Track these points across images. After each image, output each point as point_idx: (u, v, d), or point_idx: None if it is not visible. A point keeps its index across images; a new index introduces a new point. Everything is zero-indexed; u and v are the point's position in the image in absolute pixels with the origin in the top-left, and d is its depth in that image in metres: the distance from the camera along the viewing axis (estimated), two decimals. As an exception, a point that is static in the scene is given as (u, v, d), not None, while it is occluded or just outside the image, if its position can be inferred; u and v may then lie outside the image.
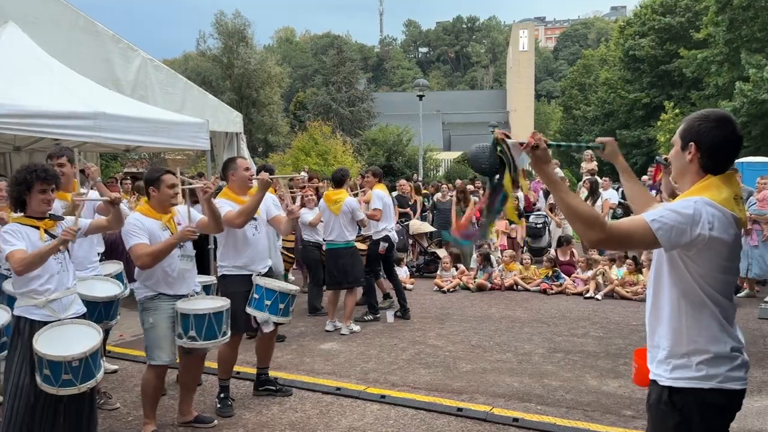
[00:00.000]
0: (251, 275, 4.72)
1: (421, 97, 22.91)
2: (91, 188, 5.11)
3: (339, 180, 7.28)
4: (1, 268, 4.55)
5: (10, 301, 3.93)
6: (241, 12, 35.21)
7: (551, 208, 11.54)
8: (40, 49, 7.40)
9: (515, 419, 4.45)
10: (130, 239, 3.98)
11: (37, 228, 3.51)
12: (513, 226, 10.93)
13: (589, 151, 13.06)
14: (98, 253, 5.16)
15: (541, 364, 5.83)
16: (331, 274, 7.14)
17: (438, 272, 10.04)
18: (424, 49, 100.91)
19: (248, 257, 4.71)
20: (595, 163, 12.33)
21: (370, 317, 7.60)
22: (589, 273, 9.27)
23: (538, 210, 12.02)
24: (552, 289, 9.27)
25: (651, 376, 2.27)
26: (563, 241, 10.23)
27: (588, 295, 8.94)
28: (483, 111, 61.45)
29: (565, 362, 5.87)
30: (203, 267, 8.01)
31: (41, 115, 6.15)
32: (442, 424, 4.43)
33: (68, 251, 3.67)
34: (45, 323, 3.49)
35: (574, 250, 10.26)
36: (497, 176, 2.27)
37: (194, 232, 4.05)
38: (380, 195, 7.52)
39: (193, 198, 4.51)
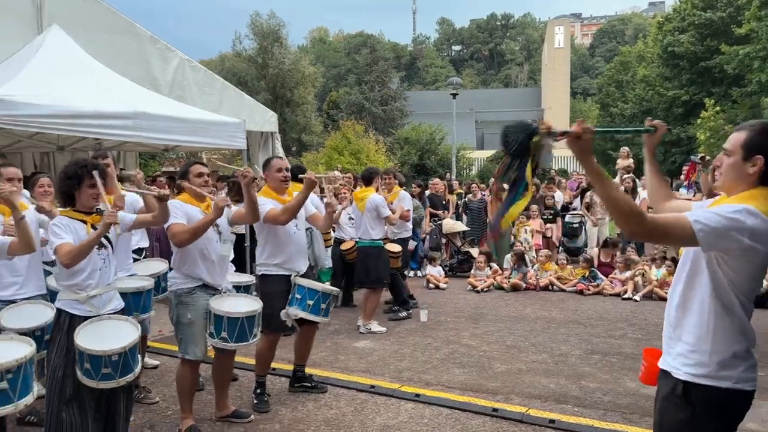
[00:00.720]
0: (290, 276, 4.76)
1: (454, 95, 22.81)
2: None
3: (368, 178, 7.29)
4: (43, 262, 4.67)
5: (53, 295, 4.04)
6: (276, 13, 35.56)
7: (587, 207, 11.36)
8: (83, 50, 7.59)
9: (552, 421, 4.39)
10: (171, 220, 4.04)
11: (85, 222, 3.59)
12: (549, 225, 10.80)
13: (626, 148, 12.82)
14: (143, 249, 5.31)
15: (578, 365, 5.75)
16: (356, 272, 7.22)
17: (472, 271, 9.98)
18: (457, 47, 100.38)
19: (288, 254, 4.75)
20: (632, 160, 12.09)
21: (404, 313, 7.61)
22: (628, 274, 9.10)
23: (575, 209, 11.85)
24: (589, 289, 9.13)
25: (664, 367, 2.29)
26: (609, 244, 10.07)
27: (626, 296, 8.78)
28: (517, 109, 60.81)
29: (602, 364, 5.78)
30: (241, 265, 8.13)
31: (84, 115, 6.31)
32: (477, 424, 4.40)
33: (112, 246, 3.74)
34: (85, 318, 3.56)
35: (617, 254, 10.09)
36: (520, 161, 2.24)
37: (227, 200, 4.08)
38: (408, 195, 7.58)
39: (234, 198, 4.57)
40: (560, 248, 11.15)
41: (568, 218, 11.43)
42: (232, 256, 4.90)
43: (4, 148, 7.68)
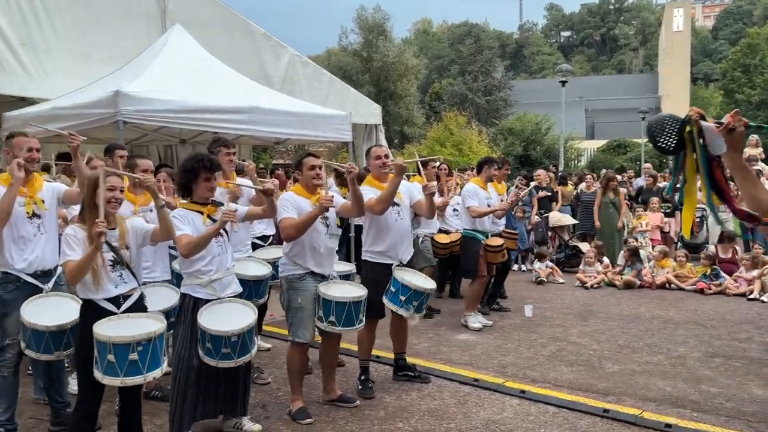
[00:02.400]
0: (391, 264, 4.81)
1: (563, 83, 22.00)
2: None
3: (479, 167, 7.08)
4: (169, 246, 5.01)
5: (179, 278, 4.34)
6: (381, 6, 35.88)
7: (709, 201, 10.60)
8: (202, 48, 8.04)
9: (668, 425, 4.16)
10: (280, 213, 4.21)
11: (201, 213, 3.82)
12: (667, 219, 10.19)
13: (755, 136, 11.85)
14: (268, 237, 5.64)
15: (698, 368, 5.40)
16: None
17: (581, 267, 9.61)
18: (566, 33, 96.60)
19: (390, 243, 4.79)
20: (761, 149, 11.16)
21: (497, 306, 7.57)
22: (755, 272, 8.41)
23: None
24: (710, 288, 8.53)
25: None
26: (725, 238, 9.37)
27: (752, 296, 8.12)
28: (631, 96, 57.80)
29: (724, 368, 5.39)
30: (344, 255, 8.32)
31: (204, 110, 6.70)
32: (586, 424, 4.24)
33: (227, 235, 3.96)
34: (207, 301, 3.81)
35: (737, 248, 9.37)
36: (678, 156, 2.08)
37: (331, 200, 4.16)
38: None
39: (338, 180, 4.62)
40: (678, 244, 10.50)
41: (687, 212, 10.73)
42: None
43: (132, 141, 8.29)
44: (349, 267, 5.50)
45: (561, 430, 4.16)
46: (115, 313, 3.32)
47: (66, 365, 4.43)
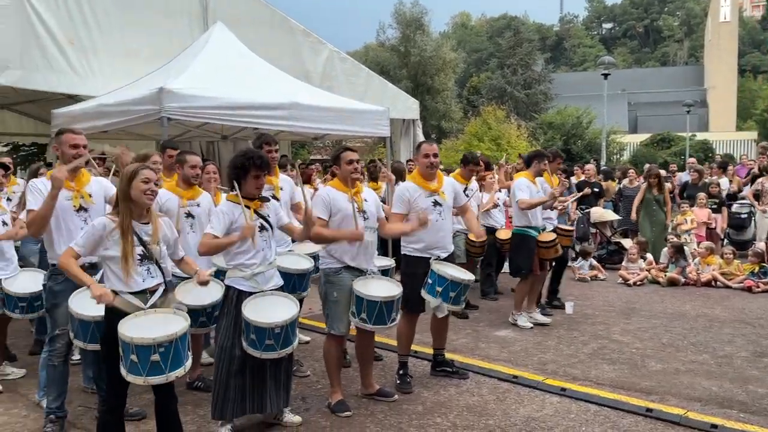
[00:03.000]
0: (430, 258, 4.80)
1: (606, 75, 21.55)
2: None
3: (527, 160, 6.83)
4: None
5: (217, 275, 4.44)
6: (419, 0, 35.70)
7: (756, 196, 10.27)
8: (243, 45, 8.15)
9: (714, 426, 4.06)
10: (314, 211, 4.20)
11: (248, 207, 3.88)
12: (713, 215, 9.90)
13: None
14: None
15: (745, 368, 5.24)
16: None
17: (623, 264, 9.42)
18: (608, 25, 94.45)
19: (428, 242, 4.79)
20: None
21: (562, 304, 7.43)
22: (807, 270, 8.12)
23: (743, 198, 10.76)
24: (758, 286, 8.26)
25: None
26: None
27: (804, 295, 7.84)
28: (676, 89, 56.28)
29: (775, 369, 5.22)
30: (383, 249, 8.34)
31: (245, 106, 6.79)
32: (628, 423, 4.17)
33: (272, 230, 4.02)
34: (250, 293, 3.87)
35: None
36: None
37: (362, 236, 4.23)
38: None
39: (369, 175, 4.58)
40: (725, 241, 10.20)
41: (735, 208, 10.41)
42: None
43: (176, 137, 8.45)
44: (388, 262, 5.51)
45: (603, 428, 4.10)
46: (141, 308, 3.34)
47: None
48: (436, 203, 4.79)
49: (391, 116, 9.00)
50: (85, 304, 3.78)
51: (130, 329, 3.20)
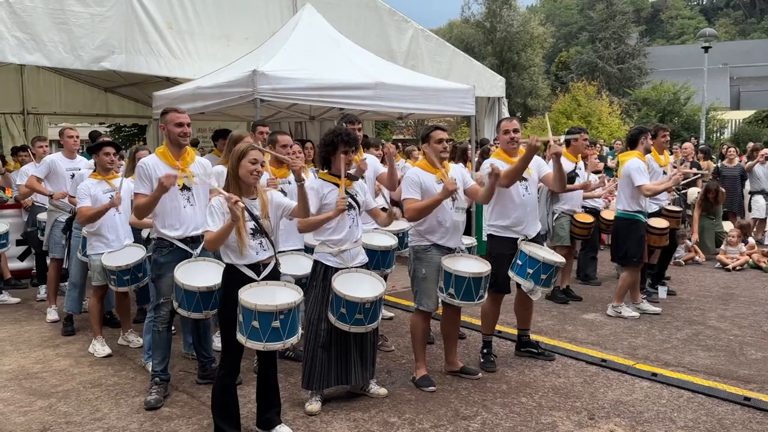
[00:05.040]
0: (517, 239, 4.76)
1: (706, 48, 20.26)
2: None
3: (633, 139, 6.36)
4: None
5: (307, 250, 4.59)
6: (506, -27, 34.70)
7: None
8: (331, 26, 8.27)
9: (821, 420, 3.83)
10: (403, 193, 4.32)
11: (337, 185, 3.99)
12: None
13: None
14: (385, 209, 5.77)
15: None
16: (611, 246, 6.53)
17: (721, 247, 8.93)
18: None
19: (516, 218, 4.75)
20: None
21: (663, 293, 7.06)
22: None
23: None
24: None
25: None
26: None
27: None
28: (785, 62, 52.03)
29: None
30: (467, 229, 8.31)
31: (332, 87, 6.92)
32: (724, 411, 4.01)
33: (359, 208, 4.12)
34: (336, 269, 4.00)
35: None
36: None
37: (455, 188, 4.16)
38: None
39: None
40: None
41: None
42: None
43: (267, 118, 8.74)
44: (470, 240, 5.49)
45: (695, 415, 3.96)
46: (255, 280, 3.55)
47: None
48: (521, 178, 4.73)
49: (476, 94, 8.89)
50: (190, 276, 4.04)
51: (252, 296, 3.40)
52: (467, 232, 7.83)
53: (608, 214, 7.27)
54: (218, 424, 3.60)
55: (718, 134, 30.39)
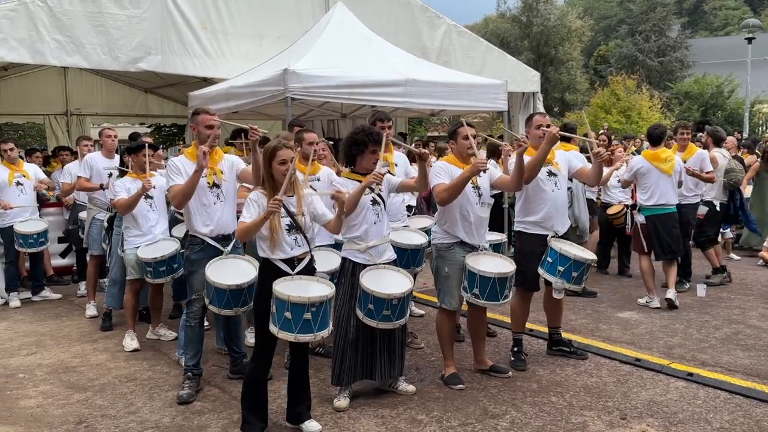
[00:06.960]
0: (547, 235, 4.69)
1: (750, 39, 19.64)
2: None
3: (658, 137, 6.49)
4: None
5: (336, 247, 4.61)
6: (543, -33, 34.21)
7: None
8: (362, 24, 8.28)
9: None
10: (431, 180, 4.26)
11: (360, 183, 3.99)
12: None
13: None
14: (412, 207, 5.79)
15: None
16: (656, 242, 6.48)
17: (765, 244, 8.63)
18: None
19: (545, 213, 4.68)
20: None
21: (686, 285, 7.00)
22: None
23: None
24: None
25: None
26: None
27: None
28: (837, 51, 49.95)
29: None
30: (497, 225, 8.23)
31: (363, 84, 6.93)
32: (762, 413, 3.88)
33: (384, 203, 4.12)
34: (365, 266, 4.02)
35: None
36: None
37: (485, 163, 4.10)
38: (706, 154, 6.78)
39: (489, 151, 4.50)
40: None
41: None
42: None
43: (299, 117, 8.81)
44: (499, 237, 5.44)
45: (732, 416, 3.84)
46: (289, 274, 3.59)
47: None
48: (550, 173, 4.66)
49: (510, 89, 8.78)
50: (221, 274, 4.11)
51: (286, 288, 3.46)
52: (501, 228, 7.80)
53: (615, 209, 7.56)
54: (245, 416, 3.66)
55: (763, 128, 29.41)
